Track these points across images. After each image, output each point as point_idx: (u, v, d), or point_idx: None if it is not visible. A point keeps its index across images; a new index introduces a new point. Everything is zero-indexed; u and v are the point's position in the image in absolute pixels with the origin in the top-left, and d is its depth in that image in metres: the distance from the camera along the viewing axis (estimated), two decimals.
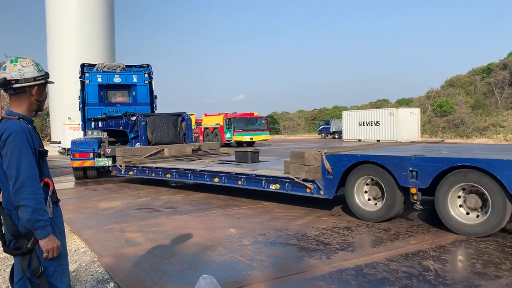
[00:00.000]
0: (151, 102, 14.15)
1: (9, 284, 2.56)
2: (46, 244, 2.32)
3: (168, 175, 9.74)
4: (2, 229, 2.43)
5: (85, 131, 14.14)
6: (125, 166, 10.77)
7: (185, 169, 9.27)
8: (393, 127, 32.79)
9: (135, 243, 5.47)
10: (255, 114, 31.11)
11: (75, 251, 5.25)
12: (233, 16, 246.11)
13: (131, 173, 10.81)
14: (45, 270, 2.38)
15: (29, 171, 2.30)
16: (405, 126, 32.54)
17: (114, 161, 11.40)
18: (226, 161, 10.68)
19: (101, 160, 11.99)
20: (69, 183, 12.10)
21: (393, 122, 32.86)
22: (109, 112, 13.35)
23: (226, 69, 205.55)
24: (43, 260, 2.37)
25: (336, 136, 42.50)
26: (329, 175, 6.63)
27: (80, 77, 13.61)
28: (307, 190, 6.87)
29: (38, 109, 2.57)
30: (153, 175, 10.16)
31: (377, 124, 34.40)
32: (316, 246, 5.12)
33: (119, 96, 14.01)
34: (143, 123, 11.69)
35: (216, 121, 31.63)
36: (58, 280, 2.46)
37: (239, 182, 8.08)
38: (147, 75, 14.03)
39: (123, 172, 10.86)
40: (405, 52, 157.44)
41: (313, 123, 65.72)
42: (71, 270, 4.43)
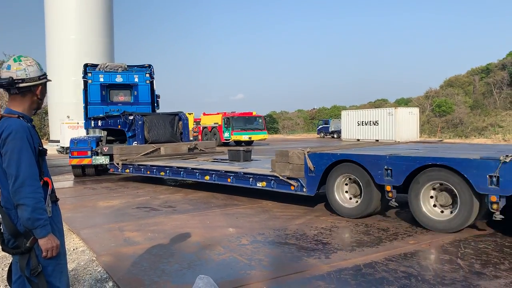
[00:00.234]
0: (152, 101, 14.38)
1: (7, 283, 2.55)
2: (45, 243, 2.32)
3: (162, 173, 10.00)
4: (0, 228, 2.42)
5: (87, 129, 14.53)
6: (122, 164, 10.94)
7: (178, 167, 9.52)
8: (392, 127, 32.79)
9: (134, 242, 5.47)
10: (254, 113, 31.09)
11: (73, 250, 5.25)
12: (233, 15, 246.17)
13: (127, 171, 11.01)
14: (43, 269, 2.38)
15: (29, 170, 2.30)
16: (403, 126, 32.55)
17: (111, 159, 11.62)
18: (220, 159, 10.90)
19: (98, 158, 12.29)
20: (67, 182, 12.10)
21: (392, 122, 32.86)
22: (110, 111, 13.58)
23: (225, 68, 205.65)
24: (42, 259, 2.36)
25: (335, 135, 42.48)
26: (311, 173, 6.88)
27: (83, 77, 13.91)
28: (291, 187, 7.15)
29: (38, 107, 2.57)
30: (148, 173, 10.40)
31: (376, 124, 34.40)
32: (315, 245, 5.12)
33: (121, 95, 14.26)
34: (140, 122, 11.92)
35: (214, 120, 31.62)
36: (56, 279, 2.45)
37: (228, 179, 8.34)
38: (148, 75, 14.26)
39: (120, 170, 11.04)
40: (404, 52, 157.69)
41: (312, 123, 65.75)
42: (70, 269, 4.42)
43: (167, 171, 9.80)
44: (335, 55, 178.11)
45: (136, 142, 11.98)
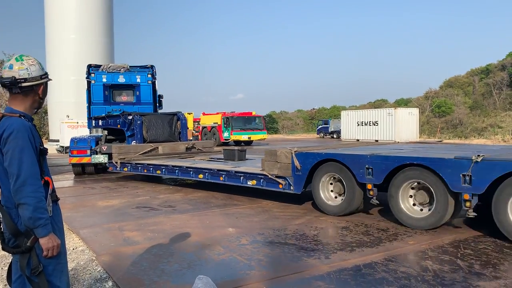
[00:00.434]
0: (154, 101, 14.59)
1: (7, 282, 2.54)
2: (46, 242, 2.32)
3: (158, 171, 10.26)
4: (1, 227, 2.42)
5: (90, 129, 14.87)
6: (120, 162, 11.18)
7: (173, 166, 9.80)
8: (392, 127, 32.80)
9: (133, 242, 5.47)
10: (253, 113, 31.08)
11: (73, 249, 5.24)
12: (233, 15, 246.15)
13: (125, 169, 11.27)
14: (44, 268, 2.37)
15: (30, 169, 2.29)
16: (403, 126, 32.55)
17: (110, 158, 11.85)
18: (216, 159, 11.10)
19: (98, 157, 12.58)
20: (67, 182, 12.10)
21: (392, 122, 32.87)
22: (112, 111, 13.79)
23: (225, 68, 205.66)
24: (43, 258, 2.36)
25: (334, 136, 42.47)
26: (298, 172, 7.10)
27: (86, 78, 14.13)
28: (280, 185, 7.39)
29: (39, 107, 2.57)
30: (145, 171, 10.65)
31: (376, 124, 34.40)
32: (314, 246, 5.13)
33: (124, 95, 14.50)
34: (138, 122, 12.17)
35: (214, 120, 31.59)
36: (57, 278, 2.45)
37: (221, 178, 8.58)
38: (150, 76, 14.47)
39: (118, 168, 11.27)
40: (404, 52, 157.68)
41: (312, 123, 65.78)
42: (69, 268, 4.42)
43: (163, 170, 10.07)
44: (335, 55, 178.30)
45: (135, 141, 12.21)
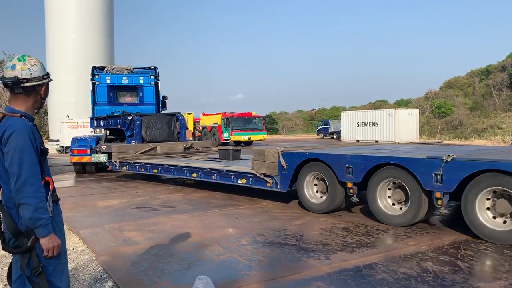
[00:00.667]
0: (157, 102, 14.85)
1: (7, 282, 2.54)
2: (46, 242, 2.31)
3: (154, 170, 10.57)
4: (1, 227, 2.42)
5: (94, 129, 15.42)
6: (119, 161, 11.49)
7: (168, 165, 10.10)
8: (392, 128, 32.78)
9: (133, 242, 5.46)
10: (253, 113, 31.08)
11: (73, 249, 5.24)
12: (233, 15, 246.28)
13: (124, 168, 11.61)
14: (44, 268, 2.37)
15: (31, 169, 2.29)
16: (403, 127, 32.53)
17: (110, 157, 12.13)
18: (213, 158, 11.30)
19: (97, 156, 12.91)
20: (67, 182, 12.10)
21: (392, 123, 32.85)
22: (116, 111, 14.02)
23: (225, 68, 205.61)
24: (43, 258, 2.36)
25: (334, 136, 42.46)
26: (284, 171, 7.37)
27: (91, 79, 14.42)
28: (267, 184, 7.67)
29: (40, 107, 2.57)
30: (142, 170, 10.99)
31: (376, 125, 34.37)
32: (314, 246, 5.12)
33: (128, 96, 14.81)
34: (138, 122, 12.52)
35: (214, 120, 31.59)
36: (57, 278, 2.45)
37: (213, 177, 8.84)
38: (153, 77, 14.71)
39: (117, 167, 11.61)
40: (404, 53, 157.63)
41: (312, 123, 65.75)
42: (69, 268, 4.41)
43: (159, 168, 10.38)
44: (335, 55, 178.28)
45: (134, 141, 12.52)
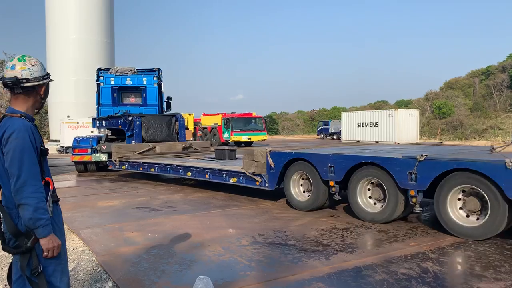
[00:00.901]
0: (160, 103, 15.07)
1: (7, 282, 2.54)
2: (46, 243, 2.31)
3: (152, 169, 10.85)
4: (1, 227, 2.41)
5: (99, 129, 15.65)
6: (119, 161, 11.75)
7: (165, 164, 10.38)
8: (392, 128, 32.74)
9: (133, 243, 5.46)
10: (254, 114, 31.07)
11: (73, 250, 5.23)
12: (233, 16, 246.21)
13: (124, 167, 11.87)
14: (44, 269, 2.37)
15: (31, 170, 2.29)
16: (403, 127, 32.49)
17: (110, 156, 12.43)
18: (210, 158, 11.49)
19: (98, 155, 13.20)
20: (67, 182, 12.10)
21: (392, 123, 32.82)
22: (119, 112, 14.18)
23: (225, 69, 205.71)
24: (43, 259, 2.36)
25: (335, 137, 42.45)
26: (272, 170, 7.60)
27: (96, 80, 14.69)
28: (257, 182, 7.89)
29: (40, 107, 2.57)
30: (141, 169, 11.25)
31: (376, 125, 34.35)
32: (315, 247, 5.12)
33: (131, 97, 15.09)
34: (137, 123, 12.80)
35: (214, 121, 31.58)
36: (57, 279, 2.45)
37: (206, 175, 9.09)
38: (156, 78, 14.93)
39: (117, 166, 11.87)
40: (404, 54, 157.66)
41: (312, 124, 65.76)
42: (69, 269, 4.41)
43: (156, 167, 10.67)
44: (336, 56, 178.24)
45: (134, 141, 12.78)
